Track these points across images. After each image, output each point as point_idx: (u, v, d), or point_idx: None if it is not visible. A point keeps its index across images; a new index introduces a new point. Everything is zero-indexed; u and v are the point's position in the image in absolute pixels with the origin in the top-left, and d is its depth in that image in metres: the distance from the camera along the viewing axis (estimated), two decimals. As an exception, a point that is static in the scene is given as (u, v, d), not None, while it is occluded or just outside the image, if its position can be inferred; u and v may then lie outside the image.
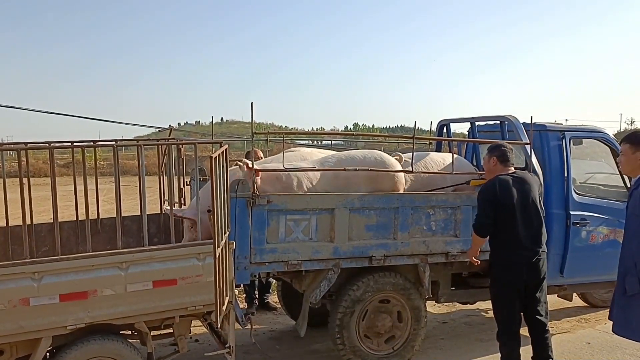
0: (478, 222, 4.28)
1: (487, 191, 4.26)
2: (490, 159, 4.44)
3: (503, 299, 4.32)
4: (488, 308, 6.76)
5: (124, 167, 22.40)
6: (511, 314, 4.29)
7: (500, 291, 4.35)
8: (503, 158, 4.38)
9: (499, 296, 4.37)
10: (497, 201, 4.16)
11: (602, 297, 6.68)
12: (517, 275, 4.21)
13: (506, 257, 4.25)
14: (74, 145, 4.42)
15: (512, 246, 4.21)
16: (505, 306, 4.32)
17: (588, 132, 6.03)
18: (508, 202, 4.16)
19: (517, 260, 4.20)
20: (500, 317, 4.37)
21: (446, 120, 6.72)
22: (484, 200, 4.24)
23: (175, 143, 4.70)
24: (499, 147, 4.49)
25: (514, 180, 4.25)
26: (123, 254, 3.70)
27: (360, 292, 4.70)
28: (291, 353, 5.42)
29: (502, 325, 4.35)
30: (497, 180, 4.24)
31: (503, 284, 4.30)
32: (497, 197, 4.16)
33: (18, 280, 3.39)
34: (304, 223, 4.45)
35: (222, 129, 60.64)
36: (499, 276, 4.32)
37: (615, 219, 5.72)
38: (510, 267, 4.23)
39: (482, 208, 4.25)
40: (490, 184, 4.28)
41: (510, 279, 4.24)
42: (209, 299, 3.82)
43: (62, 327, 3.54)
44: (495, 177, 4.30)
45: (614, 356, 5.22)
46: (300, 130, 20.96)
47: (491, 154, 4.46)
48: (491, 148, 4.55)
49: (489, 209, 4.19)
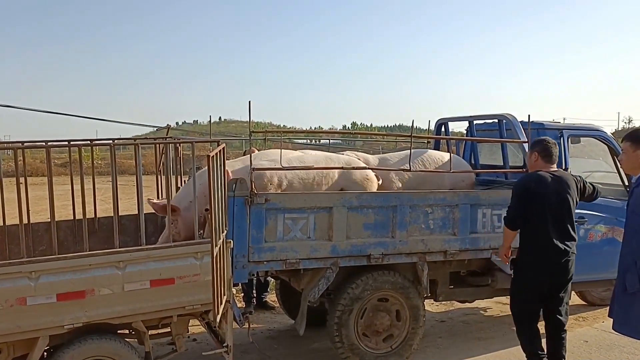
0: (509, 214, 4.21)
1: (522, 185, 4.17)
2: (531, 155, 4.30)
3: (525, 295, 4.25)
4: (487, 307, 6.78)
5: (122, 166, 22.36)
6: (530, 311, 4.23)
7: (522, 287, 4.27)
8: (545, 153, 4.20)
9: (521, 292, 4.28)
10: (529, 196, 4.07)
11: (600, 295, 6.69)
12: (543, 273, 4.13)
13: (534, 254, 4.16)
14: (70, 145, 4.41)
15: (542, 244, 4.11)
16: (526, 302, 4.25)
17: (586, 130, 6.04)
18: (541, 199, 4.05)
19: (544, 259, 4.12)
20: (518, 313, 4.32)
21: (444, 119, 6.72)
22: (517, 194, 4.16)
23: (172, 142, 4.69)
24: (541, 141, 4.28)
25: (552, 178, 4.12)
26: (120, 253, 3.68)
27: (358, 290, 4.70)
28: (289, 352, 5.41)
29: (520, 323, 4.31)
30: (534, 176, 4.14)
31: (527, 280, 4.22)
32: (530, 192, 4.07)
33: (15, 280, 3.37)
34: (302, 222, 4.45)
35: (220, 128, 60.63)
36: (524, 272, 4.24)
37: (613, 217, 5.73)
38: (536, 265, 4.14)
39: (514, 201, 4.17)
40: (527, 179, 4.19)
41: (534, 276, 4.16)
42: (206, 298, 3.81)
43: (60, 326, 3.52)
44: (534, 172, 4.19)
45: (611, 354, 5.23)
46: (297, 129, 20.89)
47: (532, 149, 4.30)
48: (534, 143, 4.37)
49: (521, 203, 4.10)
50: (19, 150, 4.28)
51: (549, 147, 4.19)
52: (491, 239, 5.01)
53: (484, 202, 4.99)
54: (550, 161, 4.20)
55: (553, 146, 4.22)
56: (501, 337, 5.76)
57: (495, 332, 5.95)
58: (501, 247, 4.46)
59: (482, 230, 5.01)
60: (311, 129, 10.38)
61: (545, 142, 4.23)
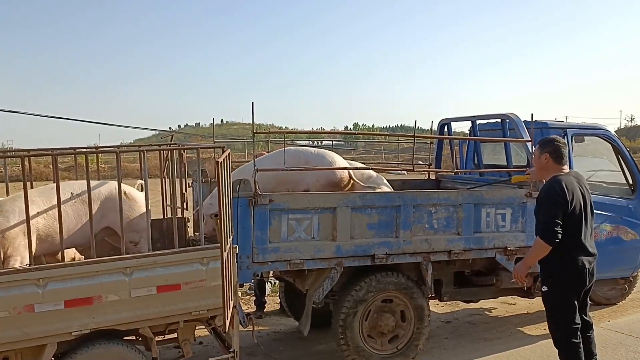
0: (548, 228, 3.74)
1: (555, 193, 3.76)
2: (541, 156, 3.97)
3: (568, 302, 3.90)
4: (492, 307, 6.77)
5: (125, 169, 22.40)
6: (574, 319, 3.91)
7: (564, 299, 3.91)
8: (557, 154, 3.92)
9: (564, 304, 3.91)
10: (565, 204, 3.74)
11: (605, 294, 6.68)
12: (583, 281, 3.89)
13: (572, 264, 3.84)
14: (76, 152, 4.43)
15: (578, 251, 3.84)
16: (570, 313, 3.90)
17: (590, 129, 6.04)
18: (576, 205, 3.79)
19: (582, 266, 3.85)
20: (565, 324, 3.92)
21: (447, 119, 6.73)
22: (553, 204, 3.76)
23: (177, 148, 4.71)
24: (552, 142, 3.98)
25: (576, 181, 3.90)
26: (127, 260, 3.70)
27: (362, 292, 4.71)
28: (295, 354, 5.42)
29: (567, 332, 3.91)
30: (562, 181, 3.80)
31: (569, 290, 3.89)
32: (566, 200, 3.73)
33: (23, 287, 3.39)
34: (306, 222, 4.46)
35: (222, 130, 60.72)
36: (564, 283, 3.89)
37: (618, 216, 5.73)
38: (576, 274, 3.86)
39: (551, 212, 3.75)
40: (556, 186, 3.79)
41: (575, 285, 3.89)
42: (212, 304, 3.83)
43: (67, 333, 3.54)
44: (557, 177, 3.86)
45: (617, 354, 5.22)
46: (299, 130, 20.95)
47: (543, 149, 3.98)
48: (542, 143, 4.04)
49: (558, 213, 3.72)
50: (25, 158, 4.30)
51: (560, 148, 3.93)
52: (495, 238, 5.02)
53: (488, 201, 4.99)
54: (562, 162, 3.94)
55: (564, 146, 3.97)
56: (507, 338, 5.76)
57: (502, 332, 5.96)
58: (523, 265, 4.02)
59: (487, 229, 5.01)
60: (313, 130, 10.38)
61: (556, 143, 3.96)
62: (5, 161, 4.86)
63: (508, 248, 5.02)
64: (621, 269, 6.02)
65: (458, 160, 6.79)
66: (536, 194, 5.01)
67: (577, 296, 3.93)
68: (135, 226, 4.33)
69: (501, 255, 5.04)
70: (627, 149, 6.06)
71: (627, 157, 5.98)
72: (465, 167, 6.69)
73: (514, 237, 5.07)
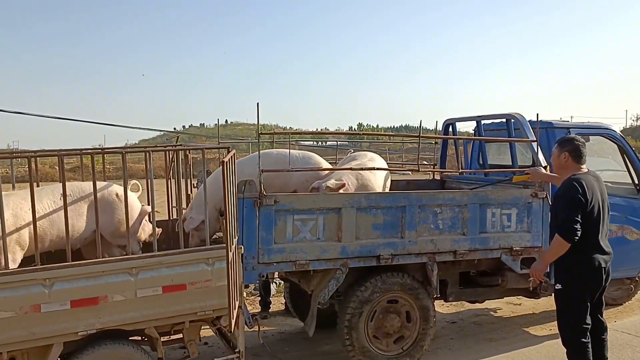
0: (567, 226, 3.76)
1: (574, 192, 3.78)
2: (560, 154, 4.01)
3: (580, 301, 3.91)
4: (497, 307, 6.76)
5: (130, 170, 22.41)
6: (585, 319, 3.93)
7: (578, 298, 3.92)
8: (576, 153, 3.95)
9: (577, 303, 3.92)
10: (585, 203, 3.77)
11: (611, 294, 6.65)
12: (599, 280, 3.92)
13: (588, 262, 3.87)
14: (82, 153, 4.45)
15: (595, 251, 3.87)
16: (583, 308, 3.91)
17: (595, 129, 6.02)
18: (595, 204, 3.82)
19: (599, 265, 3.87)
20: (575, 323, 3.94)
21: (452, 119, 6.72)
22: (572, 202, 3.78)
23: (183, 149, 4.72)
24: (572, 141, 4.02)
25: (594, 180, 3.93)
26: (133, 260, 3.71)
27: (368, 292, 4.71)
28: (300, 355, 5.43)
29: (577, 331, 3.93)
30: (582, 180, 3.83)
31: (583, 289, 3.91)
32: (585, 199, 3.76)
33: (29, 287, 3.39)
34: (311, 223, 4.47)
35: (227, 131, 60.81)
36: (580, 282, 3.90)
37: (622, 216, 5.71)
38: (592, 273, 3.89)
39: (570, 211, 3.77)
40: (577, 184, 3.80)
41: (590, 284, 3.91)
42: (218, 304, 3.84)
43: (74, 333, 3.54)
44: (576, 176, 3.88)
45: (624, 354, 5.20)
46: (304, 131, 20.97)
47: (562, 148, 4.01)
48: (562, 142, 4.08)
49: (578, 211, 3.76)
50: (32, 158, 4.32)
51: (579, 147, 3.96)
52: (501, 239, 5.01)
53: (494, 201, 4.99)
54: (581, 161, 3.97)
55: (583, 146, 3.99)
56: (513, 338, 5.75)
57: (507, 333, 5.94)
58: (542, 262, 4.05)
59: (492, 230, 5.00)
60: (317, 131, 10.40)
61: (576, 141, 3.99)
62: (12, 162, 4.89)
63: (514, 248, 5.01)
64: (627, 269, 5.99)
65: (463, 160, 6.78)
66: (542, 194, 5.02)
67: (590, 296, 3.93)
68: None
69: (507, 255, 5.03)
70: (632, 149, 6.04)
71: (633, 157, 5.96)
72: (470, 167, 6.68)
73: (519, 237, 5.05)
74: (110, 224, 4.06)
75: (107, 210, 3.92)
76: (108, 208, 4.09)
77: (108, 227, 3.92)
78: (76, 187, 4.15)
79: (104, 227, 4.12)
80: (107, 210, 3.99)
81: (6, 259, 3.49)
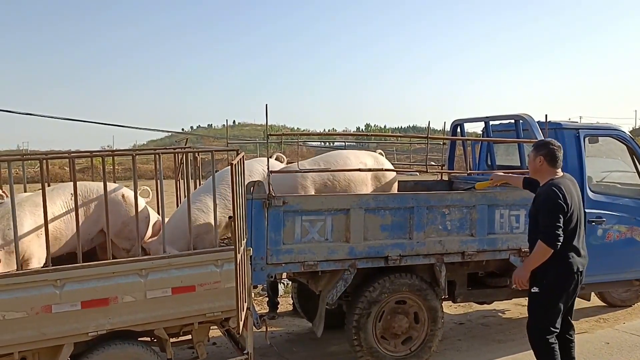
0: (552, 233, 3.73)
1: (556, 198, 3.77)
2: (536, 158, 3.99)
3: (556, 305, 3.94)
4: (505, 308, 6.74)
5: (138, 170, 22.52)
6: (556, 323, 3.96)
7: (554, 302, 3.94)
8: (551, 158, 3.93)
9: (552, 306, 3.95)
10: (566, 209, 3.77)
11: (620, 296, 6.63)
12: (575, 282, 3.92)
13: (567, 267, 3.87)
14: (93, 155, 4.50)
15: (573, 255, 3.88)
16: (556, 312, 3.95)
17: (603, 130, 6.00)
18: (574, 209, 3.83)
19: (577, 270, 3.89)
20: (546, 326, 3.95)
21: (460, 120, 6.71)
22: (555, 209, 3.76)
23: (192, 151, 4.75)
24: (547, 145, 4.00)
25: (572, 185, 3.94)
26: (143, 261, 3.74)
27: (376, 293, 4.72)
28: (308, 355, 5.44)
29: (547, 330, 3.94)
30: (561, 185, 3.82)
31: (560, 290, 3.92)
32: (566, 204, 3.76)
33: (40, 288, 3.44)
34: (320, 223, 4.49)
35: (234, 131, 60.87)
36: (557, 283, 3.91)
37: (632, 217, 5.68)
38: (571, 277, 3.90)
39: (553, 217, 3.76)
40: (557, 190, 3.79)
41: (567, 285, 3.91)
42: (227, 305, 3.86)
43: (84, 333, 3.59)
44: (554, 181, 3.87)
45: (633, 356, 5.17)
46: (312, 132, 21.00)
47: (537, 152, 4.00)
48: (538, 146, 4.07)
49: (560, 217, 3.75)
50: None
51: (555, 151, 3.94)
52: (509, 240, 5.00)
53: (502, 202, 4.98)
54: (556, 165, 3.95)
55: (559, 150, 3.97)
56: (521, 339, 5.70)
57: (515, 334, 5.92)
58: (525, 269, 3.98)
59: (500, 231, 5.00)
60: (325, 131, 10.42)
61: (551, 146, 3.97)
62: (23, 163, 4.94)
63: (522, 249, 5.00)
64: (636, 270, 5.96)
65: (471, 161, 6.76)
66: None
67: (566, 299, 3.98)
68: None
69: (515, 256, 5.02)
70: (642, 150, 6.00)
71: (642, 158, 5.92)
72: (478, 168, 6.67)
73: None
74: (114, 224, 4.09)
75: (112, 210, 3.96)
76: (113, 208, 4.12)
77: (112, 227, 3.95)
78: (84, 187, 4.20)
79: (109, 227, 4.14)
80: (112, 210, 4.02)
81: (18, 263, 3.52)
